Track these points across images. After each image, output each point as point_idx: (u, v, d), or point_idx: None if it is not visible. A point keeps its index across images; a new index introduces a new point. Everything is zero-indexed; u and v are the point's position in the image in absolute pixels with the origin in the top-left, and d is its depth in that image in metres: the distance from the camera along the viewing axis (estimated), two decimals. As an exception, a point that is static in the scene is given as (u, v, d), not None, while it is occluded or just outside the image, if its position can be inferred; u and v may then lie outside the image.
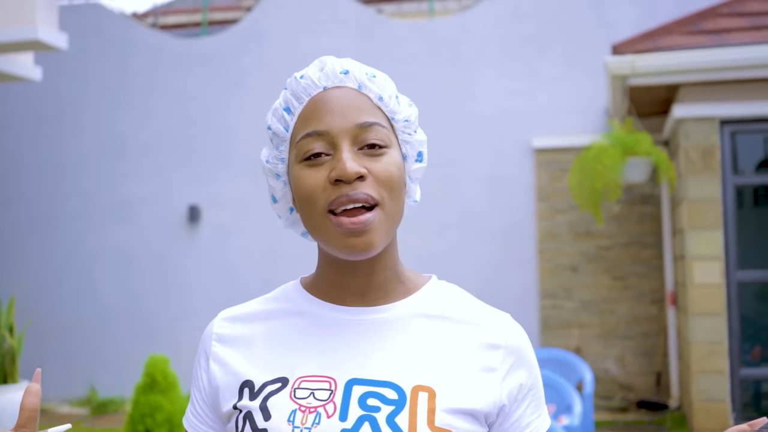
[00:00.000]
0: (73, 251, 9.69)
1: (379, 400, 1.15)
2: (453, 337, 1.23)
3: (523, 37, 8.98)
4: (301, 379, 1.19)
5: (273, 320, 1.27)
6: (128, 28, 9.87)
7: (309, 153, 1.18)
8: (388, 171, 1.18)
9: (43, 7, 6.51)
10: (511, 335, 1.25)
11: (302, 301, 1.28)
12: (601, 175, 6.72)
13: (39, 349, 9.31)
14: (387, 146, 1.20)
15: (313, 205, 1.18)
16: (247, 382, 1.21)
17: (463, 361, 1.21)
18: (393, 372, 1.18)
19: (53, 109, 9.83)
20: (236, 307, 1.33)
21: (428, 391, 1.16)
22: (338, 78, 1.22)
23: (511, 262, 8.79)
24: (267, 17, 9.58)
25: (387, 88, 1.24)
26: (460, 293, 1.31)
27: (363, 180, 1.16)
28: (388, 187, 1.18)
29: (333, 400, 1.16)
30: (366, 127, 1.19)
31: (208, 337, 1.31)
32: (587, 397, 5.24)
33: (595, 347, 8.55)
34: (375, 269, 1.25)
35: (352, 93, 1.22)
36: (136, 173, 9.61)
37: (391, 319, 1.24)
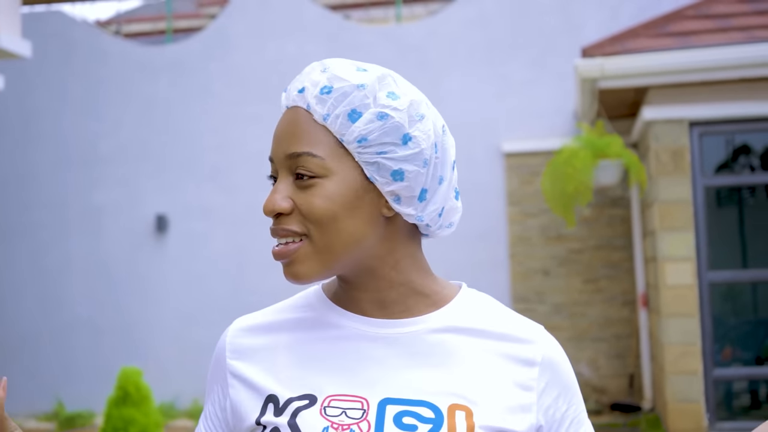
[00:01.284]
0: (38, 261, 9.53)
1: (416, 419, 1.10)
2: (487, 353, 1.17)
3: (490, 41, 8.98)
4: (331, 398, 1.13)
5: (296, 331, 1.21)
6: (92, 36, 9.74)
7: (269, 174, 1.19)
8: (309, 204, 1.11)
9: (5, 14, 6.39)
10: (546, 350, 1.19)
11: (326, 310, 1.21)
12: (572, 178, 6.72)
13: (4, 361, 9.13)
14: (317, 176, 1.11)
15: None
16: (272, 397, 1.15)
17: (498, 378, 1.15)
18: (427, 391, 1.13)
19: (16, 118, 9.67)
20: (253, 315, 1.26)
21: (465, 410, 1.11)
22: (292, 98, 1.17)
23: (482, 267, 8.77)
24: (233, 23, 9.50)
25: (341, 103, 1.13)
26: (492, 303, 1.24)
27: (289, 214, 1.13)
28: (311, 220, 1.12)
29: (366, 418, 1.10)
30: (294, 157, 1.12)
31: (222, 349, 1.24)
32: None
33: (567, 350, 8.48)
34: (378, 286, 1.18)
35: (299, 115, 1.15)
36: (103, 182, 9.48)
37: (422, 332, 1.17)
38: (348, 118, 1.13)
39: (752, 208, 7.36)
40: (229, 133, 9.24)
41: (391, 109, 1.13)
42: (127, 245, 9.40)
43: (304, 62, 8.17)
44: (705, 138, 6.82)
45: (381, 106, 1.13)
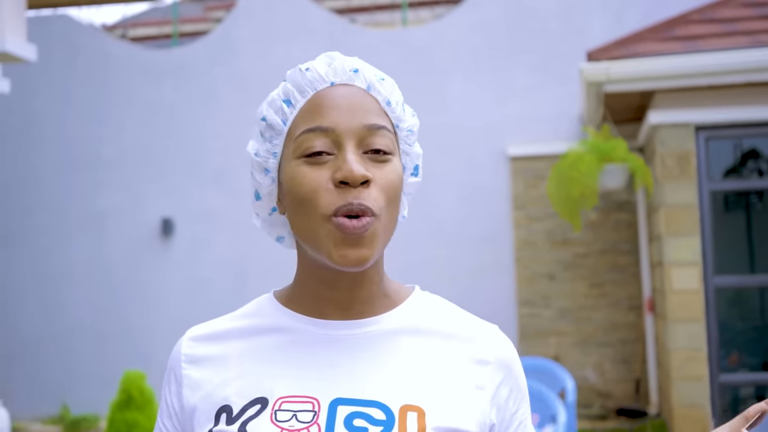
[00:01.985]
0: (41, 265, 9.53)
1: (367, 421, 1.08)
2: (440, 353, 1.16)
3: (495, 45, 8.97)
4: (282, 399, 1.10)
5: (248, 338, 1.18)
6: (98, 40, 9.75)
7: (310, 150, 1.10)
8: (390, 180, 1.11)
9: (10, 18, 6.40)
10: (499, 350, 1.19)
11: (279, 315, 1.19)
12: (578, 182, 6.70)
13: (8, 366, 9.13)
14: (391, 153, 1.13)
15: (312, 207, 1.09)
16: (225, 407, 1.12)
17: (452, 378, 1.14)
18: (379, 391, 1.11)
19: (21, 121, 9.68)
20: (205, 324, 1.24)
21: (417, 411, 1.10)
22: (347, 75, 1.15)
23: (487, 271, 8.75)
24: (238, 28, 9.50)
25: (395, 93, 1.18)
26: (445, 305, 1.24)
27: (367, 186, 1.09)
28: (387, 197, 1.11)
29: (317, 421, 1.08)
30: (374, 129, 1.12)
31: (176, 359, 1.21)
32: (570, 406, 5.20)
33: (573, 355, 8.52)
34: (362, 283, 1.17)
35: (360, 93, 1.15)
36: (107, 186, 9.48)
37: (376, 334, 1.16)
38: (403, 107, 1.19)
39: (760, 212, 7.32)
40: (233, 137, 9.22)
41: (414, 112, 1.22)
42: (129, 249, 9.39)
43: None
44: (711, 142, 6.79)
45: (408, 107, 1.21)
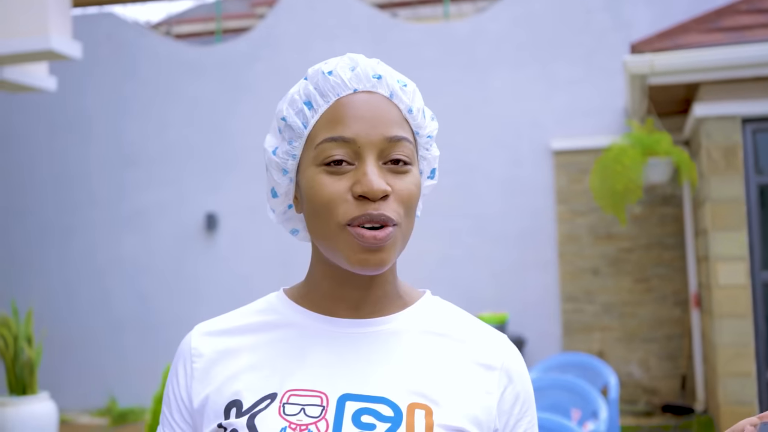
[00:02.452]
0: (88, 261, 9.67)
1: (375, 417, 1.08)
2: (449, 354, 1.17)
3: (538, 38, 8.90)
4: (291, 392, 1.11)
5: (259, 333, 1.19)
6: (142, 37, 9.86)
7: (330, 159, 1.11)
8: (409, 191, 1.12)
9: (56, 16, 6.48)
10: (507, 357, 1.20)
11: (291, 312, 1.20)
12: (621, 176, 6.63)
13: (57, 359, 9.29)
14: (411, 163, 1.14)
15: (330, 216, 1.10)
16: (235, 402, 1.13)
17: (459, 379, 1.15)
18: (388, 388, 1.11)
19: (67, 118, 9.83)
20: (215, 320, 1.25)
21: (425, 409, 1.10)
22: (371, 82, 1.15)
23: (530, 266, 8.70)
24: (280, 23, 9.54)
25: (416, 99, 1.18)
26: (456, 310, 1.25)
27: (386, 199, 1.10)
28: (406, 206, 1.12)
29: (325, 417, 1.08)
30: (395, 141, 1.12)
31: (186, 353, 1.21)
32: (612, 402, 5.14)
33: (617, 351, 8.44)
34: (375, 283, 1.18)
35: (382, 101, 1.15)
36: (151, 181, 9.59)
37: (387, 332, 1.17)
38: (423, 114, 1.19)
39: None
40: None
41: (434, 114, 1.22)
42: (175, 244, 9.49)
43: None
44: (758, 135, 6.67)
45: (428, 110, 1.21)
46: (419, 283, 8.92)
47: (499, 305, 8.61)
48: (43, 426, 6.69)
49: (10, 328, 6.80)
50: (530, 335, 8.55)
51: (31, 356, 6.80)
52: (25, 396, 6.73)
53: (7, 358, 6.77)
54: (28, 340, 6.88)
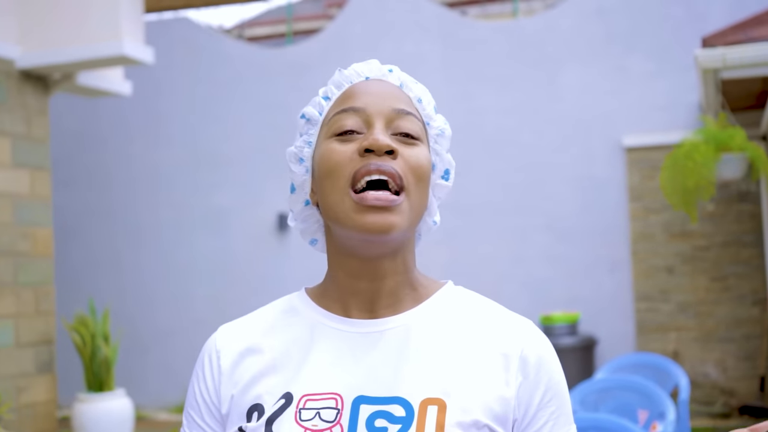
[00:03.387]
0: (165, 260, 9.88)
1: (387, 420, 1.09)
2: (466, 346, 1.15)
3: (609, 33, 8.76)
4: (306, 397, 1.12)
5: (279, 334, 1.22)
6: (215, 41, 10.03)
7: (341, 129, 1.15)
8: (418, 159, 1.15)
9: (129, 22, 6.66)
10: (528, 344, 1.16)
11: (310, 312, 1.23)
12: (693, 172, 6.47)
13: (134, 357, 9.51)
14: (420, 140, 1.17)
15: (336, 177, 1.12)
16: (256, 406, 1.15)
17: (475, 369, 1.13)
18: (401, 387, 1.11)
19: (144, 121, 10.06)
20: (238, 321, 1.28)
21: (438, 404, 1.09)
22: (382, 72, 1.22)
23: (603, 265, 8.58)
24: (350, 24, 9.60)
25: (427, 96, 1.23)
26: (477, 299, 1.24)
27: (394, 157, 1.12)
28: (416, 174, 1.14)
29: (340, 422, 1.10)
30: (403, 114, 1.16)
31: (212, 354, 1.24)
32: (682, 403, 5.05)
33: (693, 351, 8.26)
34: (387, 272, 1.18)
35: (392, 86, 1.21)
36: (226, 183, 9.75)
37: (401, 330, 1.17)
38: (434, 109, 1.23)
39: None
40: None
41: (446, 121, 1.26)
42: (248, 244, 9.63)
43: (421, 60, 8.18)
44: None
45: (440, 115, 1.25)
46: (490, 284, 8.89)
47: (571, 304, 8.52)
48: (120, 422, 6.88)
49: (87, 326, 7.00)
50: (603, 335, 8.43)
51: (108, 354, 6.98)
52: (102, 393, 6.92)
53: (85, 355, 6.97)
54: (104, 338, 7.07)
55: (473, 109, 9.00)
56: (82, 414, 6.82)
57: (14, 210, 6.72)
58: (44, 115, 7.09)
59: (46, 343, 6.92)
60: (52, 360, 6.96)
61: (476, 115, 9.00)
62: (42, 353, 6.88)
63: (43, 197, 7.03)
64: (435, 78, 9.14)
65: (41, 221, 6.99)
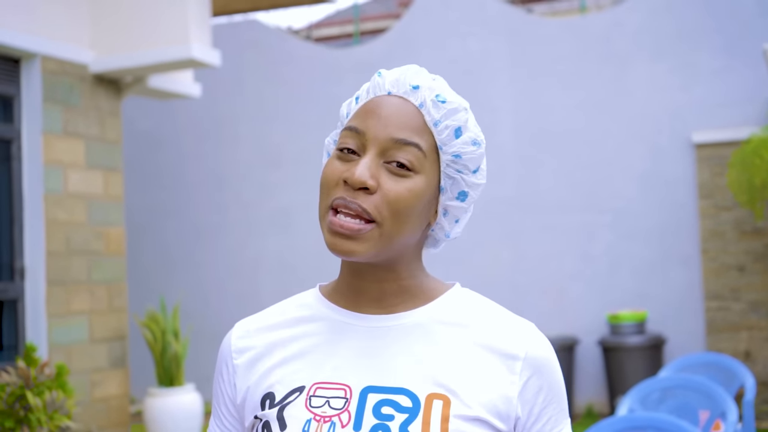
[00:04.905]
0: (234, 258, 10.06)
1: (393, 408, 1.14)
2: (471, 345, 1.20)
3: (678, 28, 8.63)
4: (317, 385, 1.19)
5: (294, 328, 1.27)
6: (284, 42, 10.16)
7: (342, 146, 1.19)
8: (398, 194, 1.16)
9: (196, 25, 6.81)
10: (531, 346, 1.21)
11: (322, 308, 1.28)
12: (760, 169, 6.35)
13: (204, 353, 9.71)
14: (414, 170, 1.18)
15: (323, 195, 1.19)
16: (269, 394, 1.21)
17: (480, 368, 1.18)
18: (408, 378, 1.17)
19: (213, 123, 10.25)
20: (254, 317, 1.34)
21: (443, 399, 1.14)
22: (404, 89, 1.22)
23: (671, 263, 8.45)
24: (416, 23, 9.64)
25: (451, 116, 1.22)
26: (483, 301, 1.27)
27: (368, 193, 1.15)
28: (392, 208, 1.15)
29: (348, 409, 1.15)
30: (400, 144, 1.17)
31: (227, 351, 1.31)
32: (747, 404, 4.96)
33: (765, 351, 8.09)
34: (387, 277, 1.24)
35: (409, 107, 1.21)
36: (292, 182, 9.87)
37: (408, 325, 1.22)
38: (454, 132, 1.22)
39: None
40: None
41: (481, 141, 1.25)
42: (315, 242, 9.73)
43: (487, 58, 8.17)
44: None
45: (475, 134, 1.24)
46: (557, 282, 8.83)
47: (639, 303, 8.42)
48: (190, 416, 7.05)
49: (158, 323, 7.19)
50: (671, 334, 8.31)
51: (178, 350, 7.16)
52: (173, 387, 7.10)
53: (156, 351, 7.15)
54: (174, 334, 7.25)
55: (540, 106, 8.95)
56: (153, 408, 7.01)
57: (88, 210, 6.94)
58: (117, 118, 7.30)
59: (118, 338, 7.12)
60: (124, 355, 7.16)
61: (543, 113, 8.95)
62: (115, 349, 7.08)
63: (116, 197, 7.23)
64: (501, 76, 9.13)
65: (114, 221, 7.19)
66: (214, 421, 1.32)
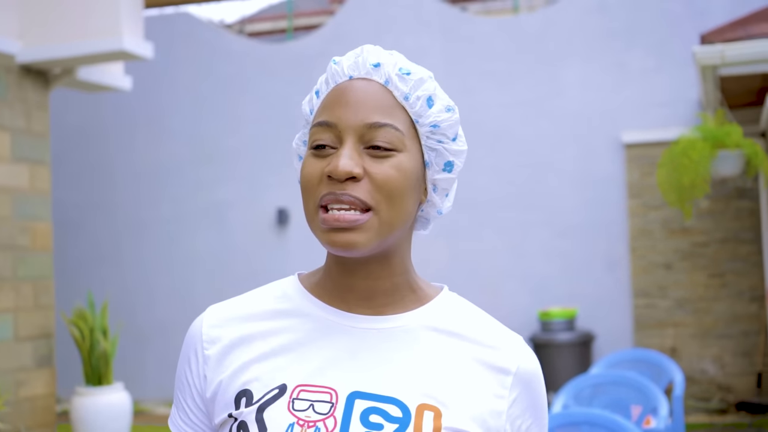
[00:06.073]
0: (165, 255, 9.91)
1: (383, 417, 1.08)
2: (462, 356, 1.16)
3: (609, 29, 8.77)
4: (300, 388, 1.11)
5: (272, 321, 1.19)
6: (216, 36, 10.04)
7: (316, 142, 1.13)
8: (386, 175, 1.10)
9: (128, 18, 6.67)
10: (522, 361, 1.18)
11: (305, 303, 1.20)
12: (689, 169, 6.48)
13: (134, 351, 9.54)
14: (395, 149, 1.12)
15: (308, 196, 1.13)
16: (245, 392, 1.13)
17: (471, 382, 1.14)
18: (398, 388, 1.11)
19: (145, 116, 10.08)
20: (227, 303, 1.24)
21: (434, 411, 1.10)
22: (366, 69, 1.17)
23: (601, 261, 8.59)
24: (351, 19, 9.61)
25: (419, 87, 1.17)
26: (473, 309, 1.23)
27: (356, 181, 1.09)
28: (384, 191, 1.10)
29: (333, 414, 1.09)
30: (375, 127, 1.12)
31: (197, 339, 1.21)
32: (677, 399, 5.06)
33: (691, 347, 8.28)
34: (381, 274, 1.17)
35: (375, 87, 1.15)
36: (226, 177, 9.77)
37: (400, 330, 1.16)
38: (426, 102, 1.17)
39: None
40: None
41: (453, 106, 1.20)
42: (249, 239, 9.66)
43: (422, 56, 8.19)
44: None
45: (446, 100, 1.19)
46: (490, 279, 8.91)
47: (570, 300, 8.54)
48: (118, 415, 6.90)
49: (86, 320, 7.02)
50: (600, 331, 8.45)
51: (107, 348, 7.01)
52: (101, 386, 6.94)
53: (84, 349, 6.99)
54: (103, 332, 7.10)
55: (474, 104, 9.00)
56: (80, 407, 6.85)
57: (14, 204, 6.75)
58: (44, 110, 7.11)
59: (45, 337, 6.94)
60: (51, 354, 6.99)
61: (477, 111, 9.01)
62: (41, 347, 6.90)
63: (43, 191, 7.05)
64: (436, 73, 9.07)
65: (41, 215, 7.01)
66: (178, 414, 1.22)
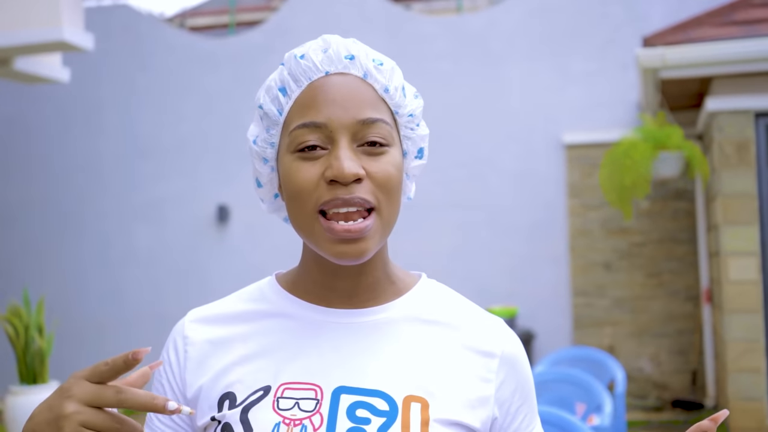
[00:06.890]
0: (101, 251, 9.73)
1: (369, 411, 1.06)
2: (446, 344, 1.14)
3: (552, 31, 8.86)
4: (285, 386, 1.09)
5: (252, 323, 1.17)
6: (156, 29, 9.88)
7: (303, 145, 1.08)
8: (386, 173, 1.09)
9: (68, 7, 6.52)
10: (506, 344, 1.17)
11: (283, 302, 1.18)
12: (630, 170, 6.58)
13: (69, 349, 9.34)
14: (388, 144, 1.11)
15: (303, 203, 1.08)
16: (228, 394, 1.11)
17: (457, 369, 1.13)
18: (383, 381, 1.09)
19: (82, 110, 9.87)
20: (208, 306, 1.22)
21: (421, 402, 1.08)
22: (342, 63, 1.13)
23: (541, 260, 8.68)
24: (294, 16, 9.54)
25: (394, 78, 1.15)
26: (452, 295, 1.23)
27: (360, 182, 1.07)
28: (385, 189, 1.08)
29: (319, 411, 1.07)
30: (368, 123, 1.09)
31: (180, 341, 1.19)
32: (619, 397, 5.13)
33: (628, 345, 8.41)
34: (365, 270, 1.16)
35: (356, 82, 1.12)
36: (165, 173, 9.62)
37: (382, 322, 1.15)
38: (402, 92, 1.15)
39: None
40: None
41: (417, 91, 1.19)
42: (187, 236, 9.53)
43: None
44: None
45: (411, 86, 1.19)
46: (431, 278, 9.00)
47: (511, 299, 8.60)
48: (54, 415, 6.73)
49: (21, 317, 6.84)
50: (540, 329, 8.53)
51: (42, 346, 6.84)
52: (36, 385, 6.78)
53: (18, 347, 6.81)
54: (39, 329, 6.92)
55: (416, 103, 9.00)
56: (14, 407, 6.67)
57: (-54, 197, 6.55)
58: (-22, 101, 6.91)
59: (-23, 334, 6.75)
60: (-16, 351, 6.80)
61: (419, 110, 9.01)
62: (-27, 344, 6.71)
63: (-23, 185, 6.85)
64: (378, 72, 9.14)
65: (-26, 209, 6.81)
66: (157, 417, 1.18)
